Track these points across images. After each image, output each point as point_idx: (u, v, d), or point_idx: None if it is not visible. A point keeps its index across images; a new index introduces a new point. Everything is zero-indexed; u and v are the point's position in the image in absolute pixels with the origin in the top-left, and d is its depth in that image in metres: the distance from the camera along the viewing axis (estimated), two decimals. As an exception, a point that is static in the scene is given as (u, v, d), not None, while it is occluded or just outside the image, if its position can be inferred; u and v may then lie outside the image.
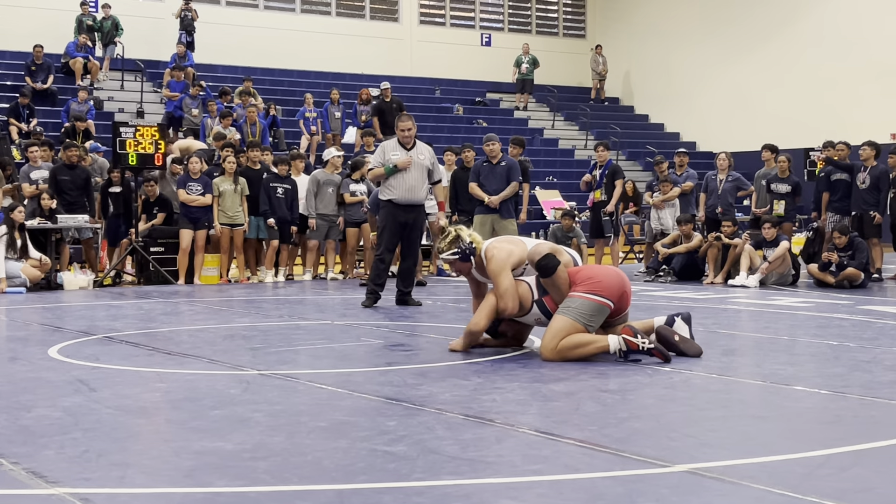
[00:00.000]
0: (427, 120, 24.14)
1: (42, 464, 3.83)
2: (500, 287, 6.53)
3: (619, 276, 6.55)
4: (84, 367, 6.23)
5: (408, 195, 10.00)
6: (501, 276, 6.55)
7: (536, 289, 6.56)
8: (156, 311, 9.99)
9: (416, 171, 10.02)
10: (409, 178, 9.99)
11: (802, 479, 3.58)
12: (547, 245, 6.70)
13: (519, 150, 14.24)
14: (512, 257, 6.64)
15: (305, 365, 6.40)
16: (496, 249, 6.68)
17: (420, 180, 10.04)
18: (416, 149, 10.13)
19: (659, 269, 13.77)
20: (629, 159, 25.83)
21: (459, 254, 6.73)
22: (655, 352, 6.19)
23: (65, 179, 13.50)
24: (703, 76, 27.13)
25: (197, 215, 13.53)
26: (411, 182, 10.00)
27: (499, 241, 6.95)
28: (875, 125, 21.72)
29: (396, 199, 10.03)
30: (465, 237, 6.76)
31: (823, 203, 14.06)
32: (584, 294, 6.34)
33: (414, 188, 10.01)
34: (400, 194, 10.00)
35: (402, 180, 10.00)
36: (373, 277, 10.16)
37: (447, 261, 6.82)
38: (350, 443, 4.14)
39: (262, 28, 25.22)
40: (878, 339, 7.54)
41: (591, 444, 4.09)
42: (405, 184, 9.99)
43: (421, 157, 10.08)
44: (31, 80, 19.99)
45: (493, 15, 29.37)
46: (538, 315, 6.63)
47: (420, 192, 10.05)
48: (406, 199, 10.01)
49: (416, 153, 10.09)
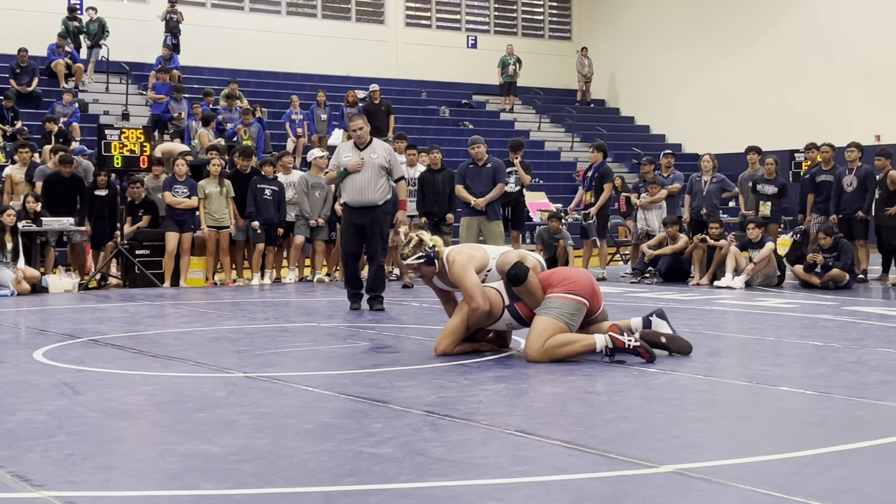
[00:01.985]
0: (413, 122, 24.14)
1: (27, 467, 3.81)
2: (467, 287, 6.51)
3: (589, 276, 6.62)
4: (69, 371, 6.20)
5: (358, 197, 9.73)
6: (465, 277, 6.53)
7: (507, 295, 6.57)
8: (141, 314, 9.95)
9: (368, 172, 9.70)
10: (359, 179, 9.71)
11: (788, 479, 3.59)
12: (514, 253, 6.71)
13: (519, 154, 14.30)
14: (473, 260, 6.64)
15: (292, 367, 6.39)
16: (457, 254, 6.69)
17: (372, 181, 9.71)
18: (371, 148, 9.82)
19: (645, 271, 13.79)
20: (615, 161, 25.82)
21: (424, 258, 6.70)
22: (640, 349, 6.21)
23: (59, 191, 13.51)
24: (688, 78, 27.20)
25: (183, 218, 13.49)
26: (361, 183, 9.71)
27: (459, 247, 6.95)
28: (859, 127, 21.83)
29: (349, 201, 9.83)
30: (427, 241, 6.75)
31: (808, 204, 14.11)
32: (562, 294, 6.37)
33: (364, 189, 9.71)
34: (351, 196, 9.78)
35: (353, 182, 9.73)
36: (346, 282, 10.16)
37: (412, 266, 6.76)
38: (336, 445, 4.14)
39: (248, 30, 25.18)
40: (863, 339, 7.57)
41: (577, 445, 4.09)
42: (355, 185, 9.73)
43: (374, 157, 9.75)
44: (15, 83, 19.89)
45: (478, 17, 29.39)
46: (510, 320, 6.65)
47: (372, 193, 9.73)
48: (357, 202, 9.75)
49: (370, 153, 9.78)
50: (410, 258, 6.73)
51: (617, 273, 15.11)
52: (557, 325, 6.31)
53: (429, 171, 13.50)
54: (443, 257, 6.75)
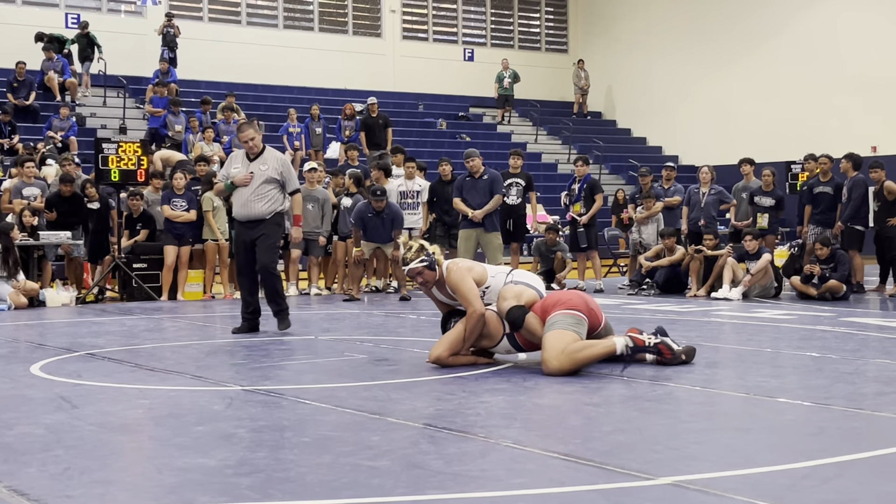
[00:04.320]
0: (410, 135, 24.17)
1: (24, 481, 3.81)
2: (463, 292, 6.58)
3: (580, 295, 6.70)
4: (66, 384, 6.20)
5: (243, 210, 9.13)
6: (463, 283, 6.60)
7: (506, 323, 6.66)
8: (139, 328, 9.95)
9: (255, 185, 9.08)
10: (245, 192, 9.10)
11: (786, 491, 3.59)
12: (512, 291, 6.69)
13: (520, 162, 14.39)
14: (472, 272, 6.72)
15: (289, 380, 6.39)
16: (455, 265, 6.78)
17: (255, 193, 9.06)
18: (261, 159, 9.18)
19: (642, 283, 13.80)
20: (612, 173, 25.91)
21: (427, 261, 6.75)
22: (661, 346, 6.20)
23: (61, 211, 13.58)
24: (685, 90, 27.26)
25: (181, 231, 13.48)
26: (247, 196, 9.08)
27: (457, 260, 7.02)
28: (856, 138, 21.86)
29: (236, 215, 9.29)
30: (428, 248, 6.84)
31: (806, 216, 14.12)
32: (563, 311, 6.42)
33: (248, 203, 9.08)
34: (237, 210, 9.23)
35: (240, 195, 9.14)
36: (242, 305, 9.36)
37: (414, 270, 6.76)
38: (334, 458, 4.13)
39: (245, 44, 25.23)
40: (861, 350, 7.57)
41: (575, 458, 4.09)
42: (241, 198, 9.13)
43: (263, 168, 9.10)
44: (12, 97, 19.92)
45: (475, 30, 29.46)
46: (508, 347, 6.77)
47: (258, 206, 9.07)
48: (243, 215, 9.15)
49: (260, 164, 9.14)
50: (413, 262, 6.75)
51: (614, 285, 15.12)
52: (568, 335, 6.34)
53: (439, 182, 13.76)
54: (441, 266, 6.79)
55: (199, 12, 25.23)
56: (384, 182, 14.09)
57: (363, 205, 13.24)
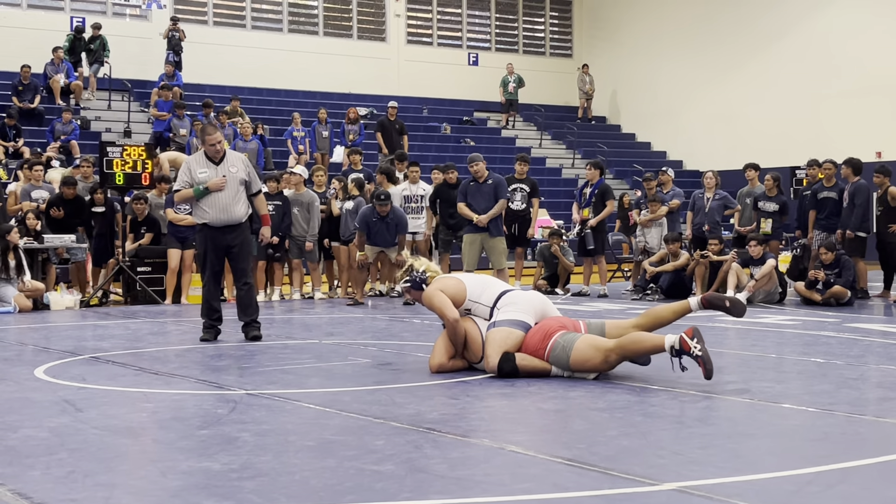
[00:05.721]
0: (415, 139, 24.18)
1: (28, 484, 3.81)
2: (435, 306, 6.72)
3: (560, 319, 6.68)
4: (70, 388, 6.21)
5: (223, 216, 8.87)
6: (433, 298, 6.74)
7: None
8: (143, 331, 9.96)
9: (230, 189, 8.86)
10: (222, 197, 8.83)
11: (790, 497, 3.58)
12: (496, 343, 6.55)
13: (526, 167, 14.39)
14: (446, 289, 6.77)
15: (293, 384, 6.39)
16: (431, 286, 6.85)
17: (234, 197, 8.88)
18: (227, 161, 8.96)
19: (647, 288, 13.78)
20: (616, 178, 25.88)
21: (410, 282, 7.02)
22: (700, 360, 6.19)
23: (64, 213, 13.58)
24: (689, 95, 27.26)
25: (185, 234, 13.48)
26: (225, 201, 8.84)
27: (442, 277, 7.04)
28: (860, 143, 21.80)
29: (212, 221, 8.89)
30: (417, 267, 7.02)
31: (810, 221, 14.10)
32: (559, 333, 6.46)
33: (228, 207, 8.85)
34: (214, 216, 8.86)
35: (216, 200, 8.83)
36: (204, 312, 9.11)
37: (404, 289, 7.18)
38: (338, 462, 4.13)
39: (250, 48, 25.26)
40: (865, 356, 7.56)
41: (579, 463, 4.09)
42: (219, 203, 8.84)
43: (234, 171, 8.92)
44: (17, 101, 19.95)
45: (480, 35, 29.47)
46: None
47: (236, 209, 8.91)
48: (222, 221, 8.88)
49: (228, 167, 8.91)
50: (400, 282, 7.17)
51: (619, 290, 15.11)
52: (594, 338, 6.38)
53: (445, 185, 13.75)
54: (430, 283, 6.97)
55: (204, 16, 25.26)
56: (388, 186, 14.10)
57: (367, 209, 13.23)
